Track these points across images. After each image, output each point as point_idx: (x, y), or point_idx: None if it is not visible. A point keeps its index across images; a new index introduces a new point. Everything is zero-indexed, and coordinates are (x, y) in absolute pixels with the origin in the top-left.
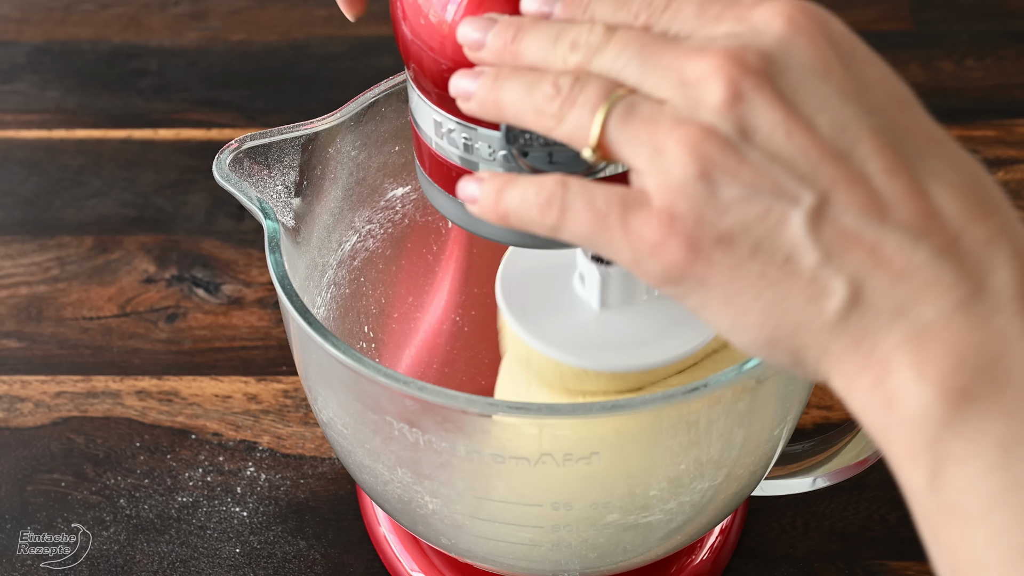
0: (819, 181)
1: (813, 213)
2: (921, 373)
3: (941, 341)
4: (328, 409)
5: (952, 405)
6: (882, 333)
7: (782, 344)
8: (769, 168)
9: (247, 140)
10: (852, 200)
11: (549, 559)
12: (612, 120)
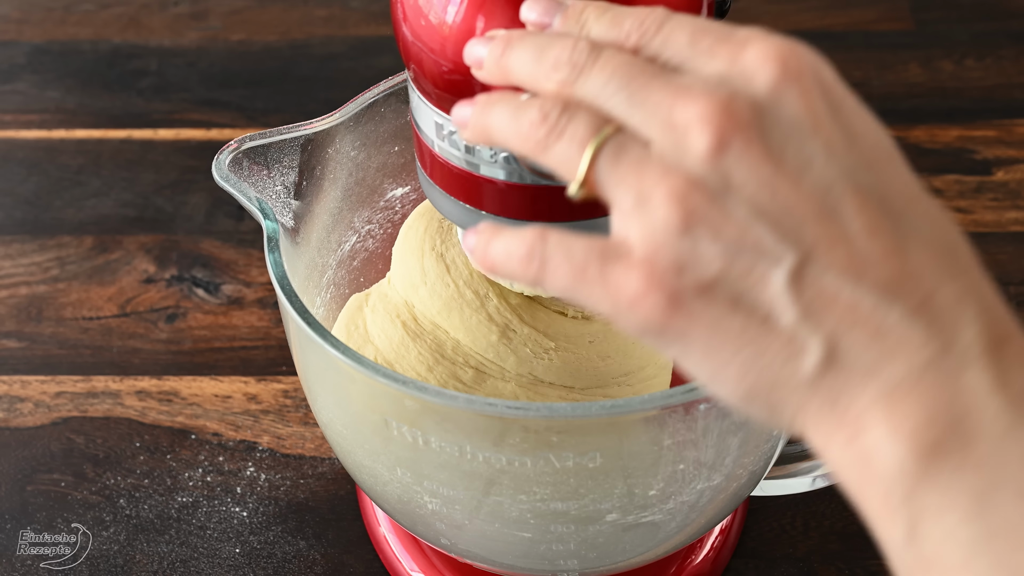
0: (802, 240)
1: (794, 272)
2: (894, 429)
3: (913, 398)
4: (327, 409)
5: (925, 459)
6: (856, 391)
7: (760, 399)
8: (753, 225)
9: (246, 140)
10: (833, 260)
11: (548, 559)
12: (601, 160)
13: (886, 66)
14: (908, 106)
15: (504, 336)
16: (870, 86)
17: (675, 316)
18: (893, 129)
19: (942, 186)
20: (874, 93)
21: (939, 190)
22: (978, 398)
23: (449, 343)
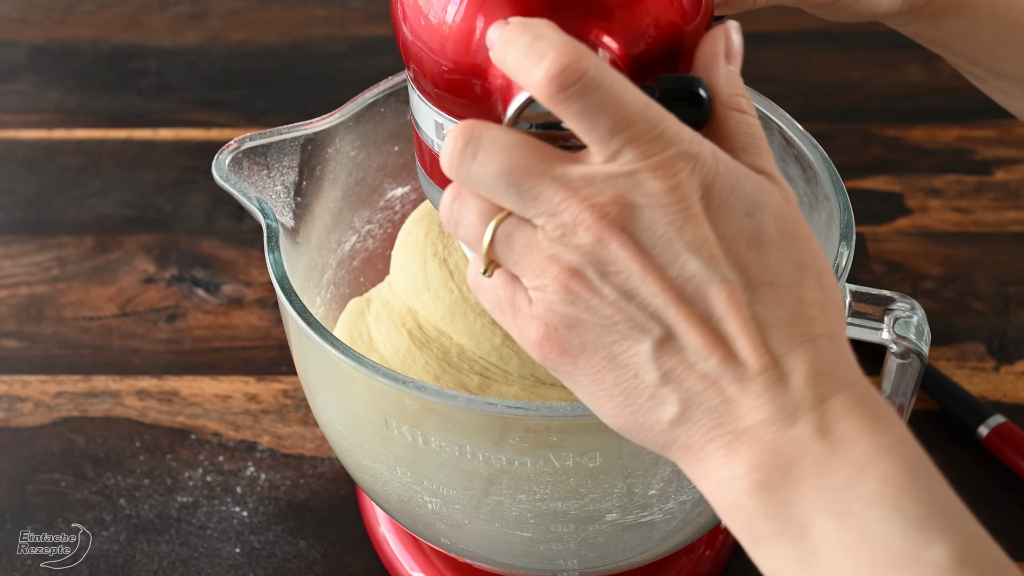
0: (666, 319)
1: (658, 344)
2: (732, 472)
3: (746, 449)
4: (327, 409)
5: (756, 495)
6: (705, 440)
7: (632, 434)
8: (625, 305)
9: (246, 140)
10: (692, 338)
11: (548, 559)
12: (496, 245)
13: (886, 66)
14: (908, 106)
15: (507, 338)
16: (870, 86)
17: (564, 362)
18: (893, 129)
19: (942, 186)
20: (874, 93)
21: (939, 190)
22: (803, 445)
23: (454, 349)
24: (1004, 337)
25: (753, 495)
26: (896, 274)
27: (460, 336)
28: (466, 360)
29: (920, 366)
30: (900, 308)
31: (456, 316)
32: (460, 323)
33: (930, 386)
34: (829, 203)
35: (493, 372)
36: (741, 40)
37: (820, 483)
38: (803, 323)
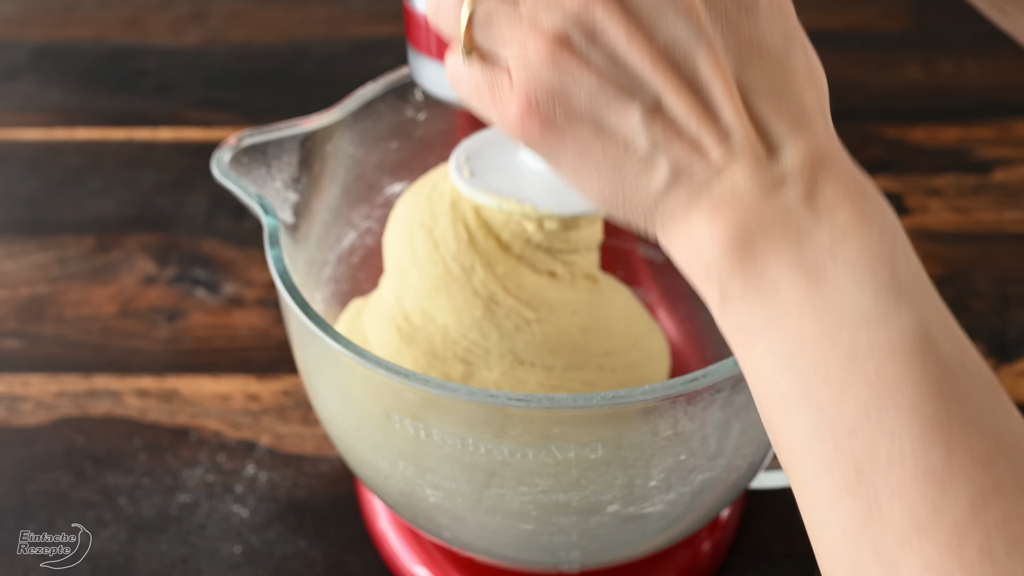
0: (653, 85)
1: (648, 110)
2: (712, 233)
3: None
4: (329, 404)
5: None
6: (690, 206)
7: (618, 208)
8: (612, 71)
9: (246, 137)
10: (680, 103)
11: (550, 551)
12: (476, 24)
13: (886, 66)
14: (908, 106)
15: (488, 310)
16: (870, 86)
17: (546, 135)
18: (893, 129)
19: (942, 186)
20: (874, 93)
21: (939, 190)
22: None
23: (438, 336)
24: (1004, 337)
25: (730, 254)
26: None
27: (444, 312)
28: (450, 346)
29: None
30: None
31: (440, 290)
32: (444, 297)
33: None
34: None
35: (475, 354)
36: None
37: (799, 246)
38: (792, 94)
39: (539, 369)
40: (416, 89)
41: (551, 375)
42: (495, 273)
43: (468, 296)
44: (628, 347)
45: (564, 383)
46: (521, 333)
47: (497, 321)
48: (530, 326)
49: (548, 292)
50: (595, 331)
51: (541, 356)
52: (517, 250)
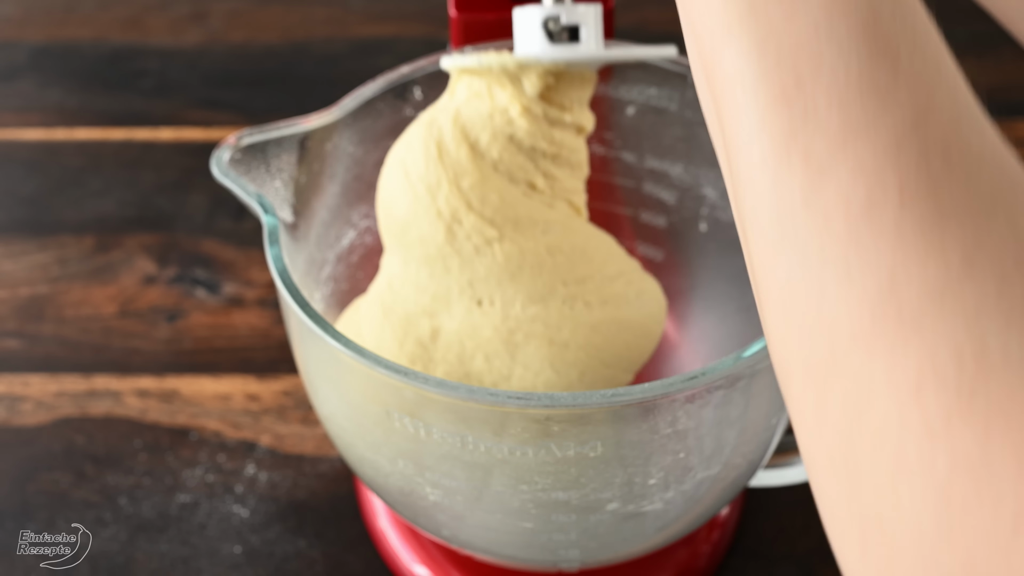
0: None
1: None
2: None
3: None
4: (329, 403)
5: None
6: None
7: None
8: None
9: (245, 136)
10: None
11: (550, 549)
12: None
13: None
14: None
15: (449, 233)
16: None
17: None
18: None
19: None
20: None
21: None
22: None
23: (410, 290)
24: None
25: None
26: None
27: (412, 247)
28: (420, 301)
29: None
30: None
31: (410, 224)
32: (413, 230)
33: None
34: None
35: (439, 301)
36: None
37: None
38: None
39: (497, 309)
40: (415, 88)
41: (509, 316)
42: (460, 187)
43: (432, 218)
44: (610, 277)
45: (523, 325)
46: (481, 257)
47: (458, 245)
48: (491, 247)
49: (518, 207)
50: (567, 253)
51: (501, 287)
52: (496, 154)
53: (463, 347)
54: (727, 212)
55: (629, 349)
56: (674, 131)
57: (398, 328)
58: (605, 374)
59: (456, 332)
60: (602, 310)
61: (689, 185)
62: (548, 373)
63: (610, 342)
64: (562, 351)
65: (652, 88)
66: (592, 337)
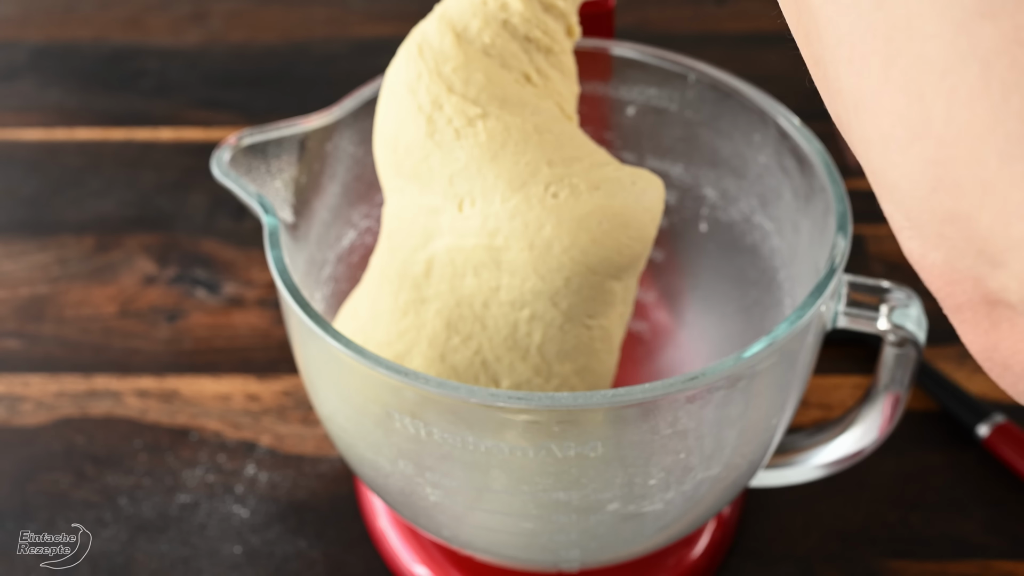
0: None
1: None
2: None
3: None
4: (329, 403)
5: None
6: None
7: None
8: None
9: (246, 137)
10: None
11: (550, 550)
12: None
13: None
14: None
15: (430, 124)
16: None
17: None
18: None
19: None
20: None
21: None
22: None
23: (404, 226)
24: None
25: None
26: (896, 274)
27: (401, 143)
28: (414, 228)
29: (916, 355)
30: (896, 298)
31: (398, 120)
32: (401, 119)
33: (929, 384)
34: (825, 194)
35: (429, 216)
36: None
37: None
38: None
39: (478, 210)
40: None
41: (488, 215)
42: (440, 74)
43: (414, 115)
44: (600, 163)
45: (503, 224)
46: (463, 141)
47: (439, 136)
48: (473, 126)
49: (508, 88)
50: (555, 134)
51: (481, 175)
52: (487, 39)
53: (454, 267)
54: (727, 212)
55: (620, 253)
56: (674, 131)
57: (395, 280)
58: (592, 280)
59: (446, 251)
60: (591, 197)
61: (689, 185)
62: (533, 279)
63: (598, 243)
64: (544, 254)
65: (652, 88)
66: (578, 236)
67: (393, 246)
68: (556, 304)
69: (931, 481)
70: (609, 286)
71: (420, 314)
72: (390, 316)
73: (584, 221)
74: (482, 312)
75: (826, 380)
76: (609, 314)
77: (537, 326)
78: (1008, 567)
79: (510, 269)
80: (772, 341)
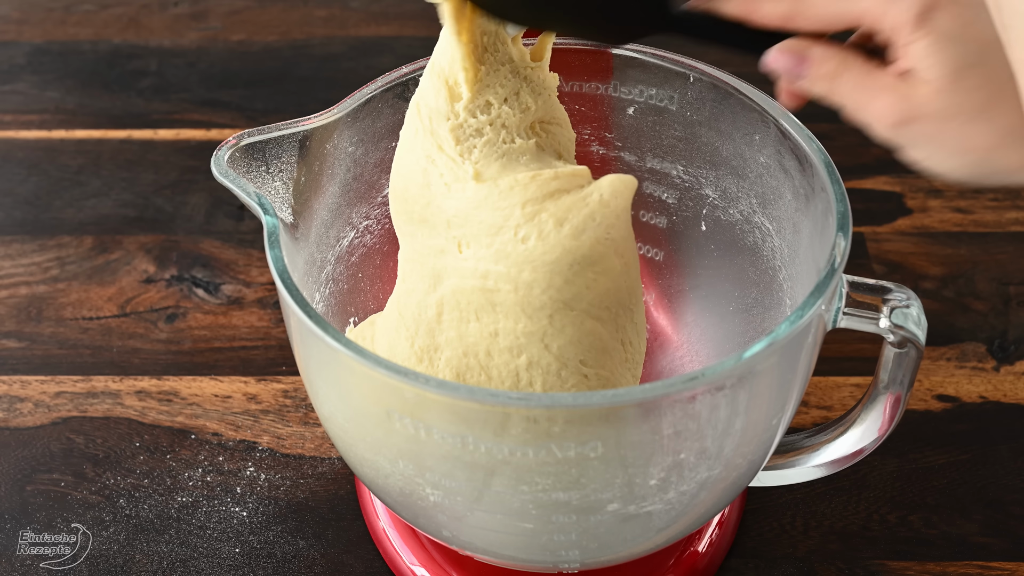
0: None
1: None
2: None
3: None
4: (329, 404)
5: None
6: None
7: None
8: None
9: (245, 136)
10: None
11: (550, 550)
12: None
13: None
14: None
15: (425, 176)
16: None
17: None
18: None
19: (942, 186)
20: None
21: (939, 190)
22: None
23: (415, 269)
24: (1004, 337)
25: None
26: (896, 274)
27: (411, 192)
28: (424, 271)
29: (917, 355)
30: (897, 298)
31: (407, 171)
32: (408, 169)
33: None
34: (826, 194)
35: (437, 256)
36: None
37: None
38: None
39: (472, 257)
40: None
41: (480, 263)
42: (435, 132)
43: (414, 165)
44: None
45: (490, 267)
46: (452, 194)
47: (434, 188)
48: (461, 182)
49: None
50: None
51: (469, 221)
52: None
53: (460, 311)
54: (727, 212)
55: (589, 288)
56: (674, 131)
57: (411, 323)
58: (572, 317)
59: (452, 293)
60: (559, 238)
61: (689, 185)
62: (524, 320)
63: (570, 282)
64: (528, 295)
65: (652, 88)
66: (553, 279)
67: (409, 288)
68: (548, 347)
69: (931, 481)
70: (591, 327)
71: (433, 362)
72: (406, 363)
73: (556, 265)
74: (486, 362)
75: (826, 380)
76: (605, 363)
77: (536, 374)
78: (1008, 567)
79: (504, 311)
80: (772, 341)
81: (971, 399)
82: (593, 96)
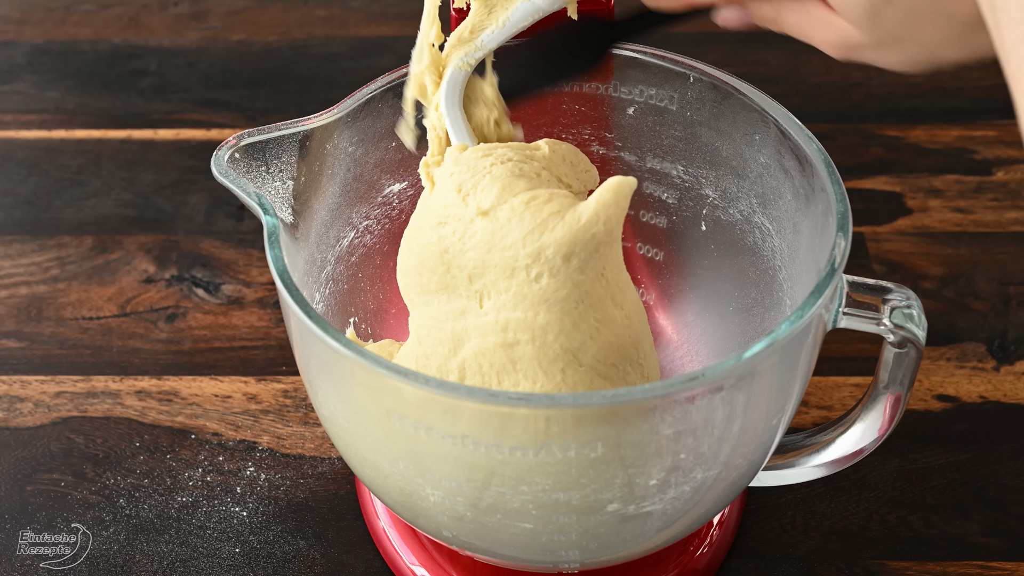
0: None
1: None
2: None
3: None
4: (329, 403)
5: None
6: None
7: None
8: None
9: (245, 136)
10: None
11: (550, 550)
12: None
13: None
14: (908, 106)
15: (441, 241)
16: (870, 86)
17: None
18: (893, 129)
19: (942, 186)
20: (874, 93)
21: (939, 190)
22: None
23: (433, 334)
24: (1004, 337)
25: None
26: (896, 274)
27: (426, 266)
28: (443, 335)
29: (917, 355)
30: (897, 299)
31: (418, 246)
32: (419, 245)
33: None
34: (826, 194)
35: (458, 319)
36: None
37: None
38: None
39: (492, 303)
40: None
41: (500, 313)
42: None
43: (425, 241)
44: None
45: (509, 313)
46: (466, 246)
47: (451, 252)
48: (470, 225)
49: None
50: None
51: (487, 268)
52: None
53: (483, 376)
54: (727, 212)
55: (592, 337)
56: (674, 131)
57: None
58: (580, 373)
59: (474, 356)
60: (567, 272)
61: (689, 185)
62: (541, 379)
63: (577, 327)
64: (544, 346)
65: (652, 88)
66: (563, 322)
67: (427, 352)
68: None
69: (931, 481)
70: (600, 386)
71: None
72: None
73: (564, 304)
74: None
75: (826, 380)
76: None
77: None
78: (1008, 567)
79: (523, 369)
80: (772, 341)
81: (971, 399)
82: (593, 96)
